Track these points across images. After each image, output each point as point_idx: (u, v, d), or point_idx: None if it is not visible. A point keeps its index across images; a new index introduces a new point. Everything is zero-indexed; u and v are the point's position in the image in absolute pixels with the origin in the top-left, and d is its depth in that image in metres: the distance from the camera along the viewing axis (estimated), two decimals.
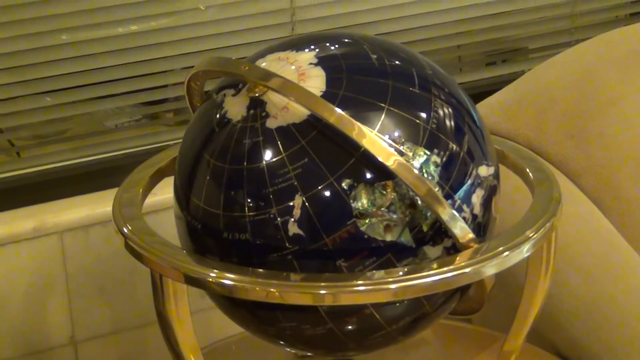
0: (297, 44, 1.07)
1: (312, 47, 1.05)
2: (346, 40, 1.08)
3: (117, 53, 1.55)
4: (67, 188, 1.53)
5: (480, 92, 1.62)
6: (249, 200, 1.00)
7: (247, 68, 1.02)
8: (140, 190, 1.15)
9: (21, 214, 1.49)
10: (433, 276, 0.96)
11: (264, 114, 1.01)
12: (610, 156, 1.53)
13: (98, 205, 1.48)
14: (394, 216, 0.99)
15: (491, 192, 1.06)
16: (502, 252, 1.00)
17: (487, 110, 1.60)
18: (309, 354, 1.32)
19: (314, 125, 0.99)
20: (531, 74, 1.62)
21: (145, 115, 1.65)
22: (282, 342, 1.13)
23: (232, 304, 1.08)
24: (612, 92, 1.55)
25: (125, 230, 1.06)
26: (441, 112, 1.03)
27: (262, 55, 1.07)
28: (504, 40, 1.80)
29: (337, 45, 1.06)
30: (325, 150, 0.99)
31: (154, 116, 1.66)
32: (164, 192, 1.19)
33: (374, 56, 1.05)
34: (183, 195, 1.07)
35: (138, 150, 1.58)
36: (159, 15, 1.56)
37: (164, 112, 1.67)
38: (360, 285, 0.96)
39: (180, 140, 1.11)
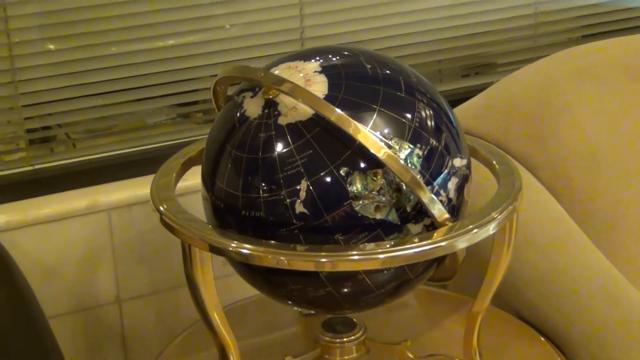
0: (305, 55, 1.06)
1: (317, 58, 1.05)
2: (345, 52, 1.08)
3: (157, 63, 1.55)
4: (114, 174, 1.53)
5: (457, 99, 1.61)
6: (263, 184, 1.00)
7: (263, 75, 1.03)
8: (174, 176, 1.15)
9: (76, 195, 1.49)
10: (414, 248, 0.97)
11: (276, 112, 1.01)
12: (563, 153, 1.52)
13: (139, 188, 1.47)
14: (383, 198, 0.99)
15: (464, 180, 1.06)
16: (472, 229, 1.00)
17: (462, 113, 1.59)
18: (312, 312, 1.33)
19: (318, 123, 0.99)
20: (499, 84, 1.62)
21: (179, 115, 1.65)
22: (290, 302, 1.14)
23: (249, 270, 1.08)
24: (565, 100, 1.55)
25: (161, 208, 1.06)
26: (423, 113, 1.03)
27: (275, 64, 1.07)
28: (477, 57, 1.80)
29: (337, 57, 1.06)
30: (326, 143, 0.99)
31: (186, 115, 1.66)
32: (193, 178, 1.19)
33: (368, 66, 1.05)
34: (209, 179, 1.07)
35: (172, 143, 1.58)
36: (191, 32, 1.56)
37: (194, 112, 1.66)
38: (355, 255, 0.96)
39: (207, 135, 1.11)
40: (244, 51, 1.60)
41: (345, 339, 1.21)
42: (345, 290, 1.05)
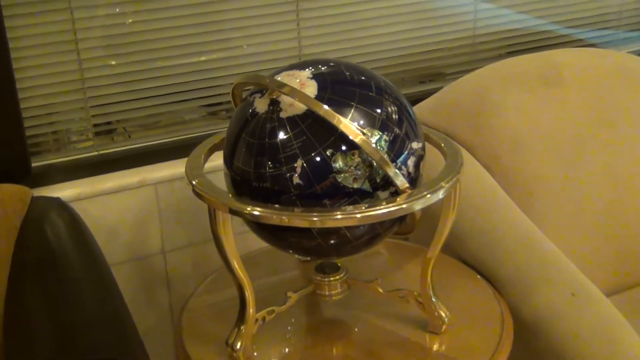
0: (300, 66, 1.07)
1: (309, 67, 1.06)
2: (330, 63, 1.08)
3: (192, 74, 1.55)
4: (159, 157, 1.53)
5: (416, 99, 1.61)
6: (269, 162, 1.00)
7: (268, 80, 1.03)
8: (202, 158, 1.15)
9: (130, 173, 1.49)
10: (383, 209, 0.98)
11: (278, 108, 1.02)
12: (494, 139, 1.53)
13: (178, 167, 1.47)
14: (359, 172, 0.99)
15: (419, 158, 1.07)
16: (426, 195, 1.01)
17: (420, 110, 1.60)
18: (307, 258, 1.33)
19: (309, 116, 1.00)
20: (446, 88, 1.62)
21: (208, 113, 1.64)
22: (290, 251, 1.13)
23: (259, 227, 1.08)
24: (495, 99, 1.56)
25: (193, 182, 1.06)
26: (389, 109, 1.04)
27: (278, 72, 1.07)
28: (430, 68, 1.80)
29: (324, 67, 1.06)
30: (316, 131, 0.99)
31: (213, 113, 1.65)
32: (217, 160, 1.19)
33: (347, 73, 1.05)
34: (229, 160, 1.07)
35: (202, 134, 1.58)
36: (217, 51, 1.56)
37: (219, 110, 1.66)
38: (338, 215, 0.97)
39: (227, 127, 1.11)
40: (257, 65, 1.60)
41: (332, 279, 1.22)
42: (331, 241, 1.06)
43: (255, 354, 1.14)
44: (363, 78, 1.05)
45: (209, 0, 1.50)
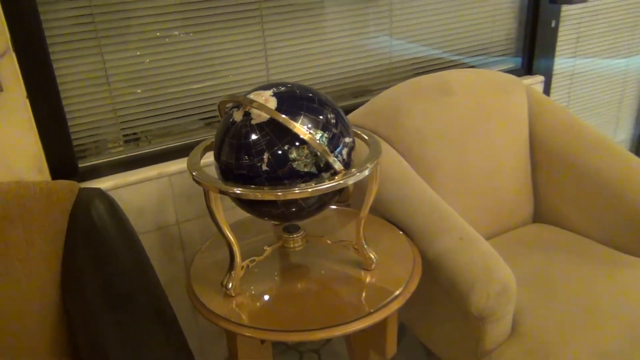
0: (264, 87, 1.06)
1: (271, 88, 1.05)
2: (288, 85, 1.06)
3: (192, 96, 1.53)
4: (172, 156, 1.51)
5: (352, 108, 1.62)
6: (245, 156, 0.99)
7: (242, 98, 1.02)
8: (199, 155, 1.14)
9: (151, 169, 1.47)
10: (326, 185, 0.98)
11: (250, 118, 1.01)
12: (406, 134, 1.53)
13: (185, 163, 1.46)
14: (308, 160, 0.99)
15: (351, 149, 1.06)
16: (356, 173, 1.01)
17: (354, 115, 1.59)
18: (277, 222, 1.33)
19: (272, 122, 0.99)
20: (373, 99, 1.62)
21: (205, 124, 1.61)
22: (265, 218, 1.12)
23: (241, 202, 1.08)
24: (406, 106, 1.56)
25: (193, 173, 1.05)
26: (328, 115, 1.03)
27: (249, 93, 1.06)
28: (361, 86, 1.79)
29: (282, 87, 1.05)
30: (277, 133, 0.98)
31: (208, 124, 1.62)
32: (209, 157, 1.18)
33: (298, 91, 1.04)
34: (217, 155, 1.06)
35: (201, 139, 1.56)
36: (210, 79, 1.54)
37: (213, 122, 1.63)
38: (296, 190, 0.97)
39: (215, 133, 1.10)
40: (238, 88, 1.58)
41: (294, 236, 1.22)
42: (292, 209, 1.06)
43: (240, 291, 1.14)
44: (309, 94, 1.04)
45: (204, 43, 1.49)
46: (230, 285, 1.10)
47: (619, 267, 1.41)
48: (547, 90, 2.07)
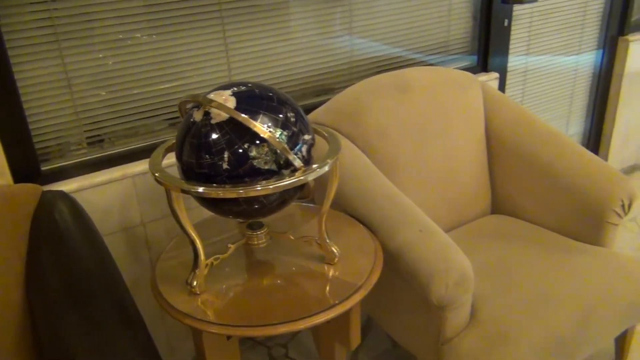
0: (224, 87, 1.06)
1: (230, 88, 1.05)
2: (248, 84, 1.07)
3: (157, 97, 1.52)
4: (135, 157, 1.51)
5: (314, 107, 1.63)
6: (206, 155, 1.00)
7: (202, 98, 1.02)
8: (161, 155, 1.14)
9: (115, 170, 1.46)
10: (287, 181, 0.99)
11: (210, 117, 1.01)
12: (367, 130, 1.55)
13: (146, 164, 1.45)
14: (268, 158, 1.00)
15: (310, 146, 1.08)
16: (316, 169, 1.02)
17: (316, 114, 1.60)
18: (240, 220, 1.33)
19: (232, 121, 1.00)
20: (334, 98, 1.63)
21: (169, 124, 1.61)
22: (230, 216, 1.13)
23: (204, 201, 1.08)
24: (366, 104, 1.58)
25: (156, 174, 1.05)
26: (288, 114, 1.04)
27: (209, 92, 1.06)
28: (323, 85, 1.81)
29: (241, 87, 1.06)
30: (237, 132, 0.99)
31: (172, 124, 1.62)
32: (171, 157, 1.17)
33: (257, 91, 1.05)
34: (179, 155, 1.06)
35: (166, 139, 1.55)
36: (174, 80, 1.53)
37: (177, 123, 1.63)
38: (258, 187, 0.97)
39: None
40: (202, 89, 1.58)
41: (258, 232, 1.23)
42: (255, 206, 1.06)
43: (205, 288, 1.14)
44: (269, 94, 1.05)
45: (167, 45, 1.48)
46: (194, 283, 1.10)
47: (571, 254, 1.46)
48: (502, 87, 2.12)
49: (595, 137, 2.62)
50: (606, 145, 2.61)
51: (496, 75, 2.04)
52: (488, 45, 2.02)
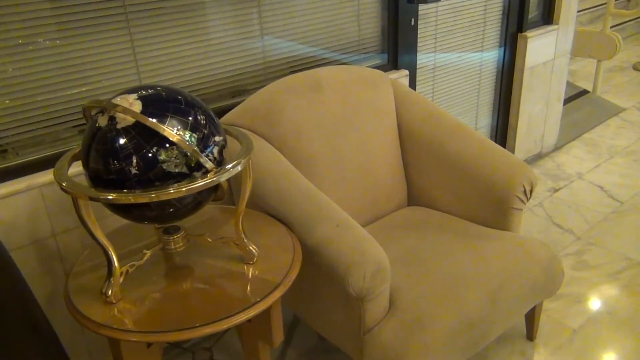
0: (129, 91, 1.04)
1: (137, 91, 1.03)
2: (157, 87, 1.05)
3: (65, 103, 1.46)
4: (41, 167, 1.44)
5: (229, 108, 1.62)
6: (114, 161, 0.97)
7: (106, 102, 1.00)
8: (67, 164, 1.09)
9: (19, 181, 1.39)
10: (199, 183, 0.98)
11: (115, 122, 0.99)
12: (283, 130, 1.55)
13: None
14: (178, 161, 0.99)
15: (222, 147, 1.07)
16: (228, 170, 1.02)
17: (231, 115, 1.60)
18: (156, 225, 1.31)
19: (138, 125, 0.98)
20: (249, 98, 1.62)
21: (78, 131, 1.55)
22: (145, 222, 1.10)
23: (115, 208, 1.05)
24: (280, 104, 1.58)
25: (62, 183, 1.01)
26: (197, 117, 1.03)
27: (115, 97, 1.04)
28: (237, 86, 1.79)
29: (147, 90, 1.04)
30: (144, 136, 0.97)
31: (81, 131, 1.56)
32: (77, 166, 1.13)
33: (163, 94, 1.03)
34: (85, 163, 1.03)
35: (72, 147, 1.49)
36: (82, 85, 1.47)
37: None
38: (171, 190, 0.96)
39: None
40: (111, 93, 1.52)
41: (174, 237, 1.21)
42: (169, 210, 1.05)
43: (122, 297, 1.11)
44: (177, 96, 1.04)
45: (72, 49, 1.42)
46: (109, 292, 1.07)
47: (480, 240, 1.54)
48: (412, 84, 2.19)
49: (502, 129, 2.76)
50: (513, 136, 2.76)
51: (406, 72, 2.11)
52: (397, 44, 2.08)
